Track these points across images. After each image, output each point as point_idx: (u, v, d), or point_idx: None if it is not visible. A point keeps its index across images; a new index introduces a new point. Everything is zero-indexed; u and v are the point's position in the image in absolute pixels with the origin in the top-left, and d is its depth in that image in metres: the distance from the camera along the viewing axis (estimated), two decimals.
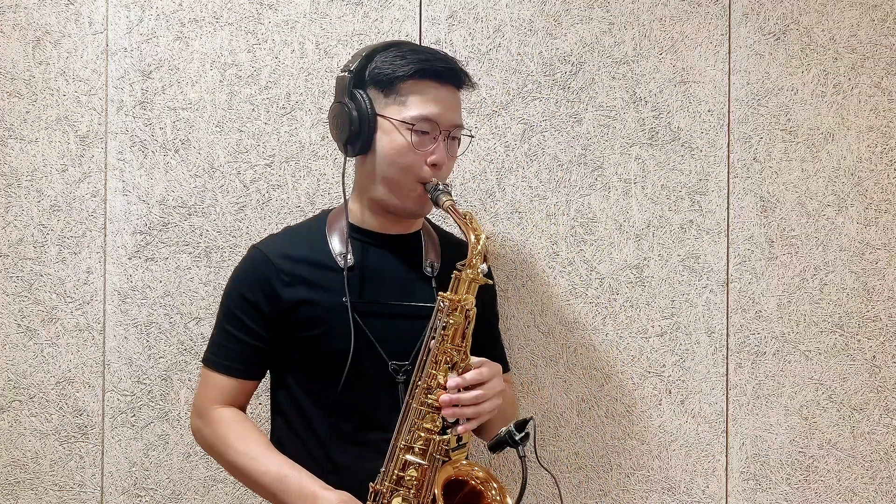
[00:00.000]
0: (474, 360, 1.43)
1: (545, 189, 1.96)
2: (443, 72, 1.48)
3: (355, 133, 1.48)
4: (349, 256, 1.50)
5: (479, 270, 1.41)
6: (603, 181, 1.96)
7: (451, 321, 1.40)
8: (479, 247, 1.41)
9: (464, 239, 1.45)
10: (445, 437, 1.40)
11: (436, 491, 1.37)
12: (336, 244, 1.52)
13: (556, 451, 1.95)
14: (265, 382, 1.62)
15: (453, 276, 1.43)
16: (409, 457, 1.40)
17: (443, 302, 1.41)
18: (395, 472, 1.41)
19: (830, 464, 1.97)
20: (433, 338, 1.41)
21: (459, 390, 1.38)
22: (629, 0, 1.96)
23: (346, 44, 1.94)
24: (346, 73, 1.50)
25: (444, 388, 1.39)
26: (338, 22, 1.94)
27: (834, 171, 1.97)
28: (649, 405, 1.97)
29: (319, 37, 1.94)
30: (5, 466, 1.93)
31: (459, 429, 1.39)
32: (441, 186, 1.45)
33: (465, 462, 1.42)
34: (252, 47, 1.93)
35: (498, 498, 1.40)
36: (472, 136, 1.58)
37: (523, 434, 1.36)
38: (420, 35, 1.94)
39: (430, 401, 1.40)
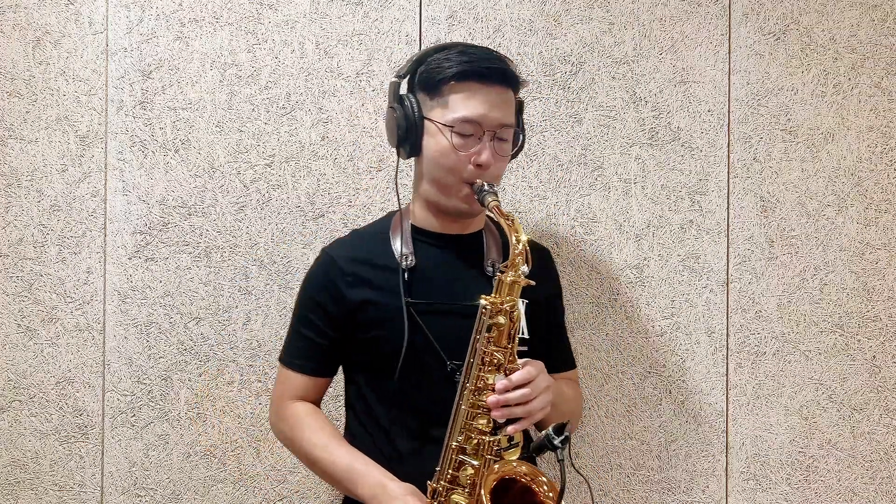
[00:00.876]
0: (520, 361, 1.45)
1: (545, 189, 1.96)
2: (486, 72, 1.48)
3: (403, 136, 1.52)
4: (410, 257, 1.54)
5: (520, 272, 1.43)
6: (603, 181, 1.96)
7: (495, 323, 1.43)
8: (520, 248, 1.42)
9: (533, 240, 1.48)
10: (496, 437, 1.42)
11: (482, 493, 1.39)
12: (398, 245, 1.56)
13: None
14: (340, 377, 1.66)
15: (496, 278, 1.46)
16: (461, 457, 1.43)
17: (486, 305, 1.44)
18: (450, 471, 1.44)
19: (830, 464, 1.97)
20: (479, 340, 1.44)
21: (507, 392, 1.41)
22: (629, 0, 1.96)
23: (346, 44, 1.94)
24: (398, 79, 1.54)
25: (492, 390, 1.42)
26: (338, 22, 1.94)
27: (834, 171, 1.97)
28: (649, 405, 1.97)
29: (319, 37, 1.94)
30: (5, 466, 1.93)
31: (509, 429, 1.40)
32: (487, 187, 1.47)
33: (508, 461, 1.44)
34: (252, 47, 1.93)
35: (550, 494, 1.42)
36: (523, 134, 1.59)
37: (562, 438, 1.37)
38: (420, 35, 1.94)
39: (479, 402, 1.43)
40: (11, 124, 1.93)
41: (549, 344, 1.65)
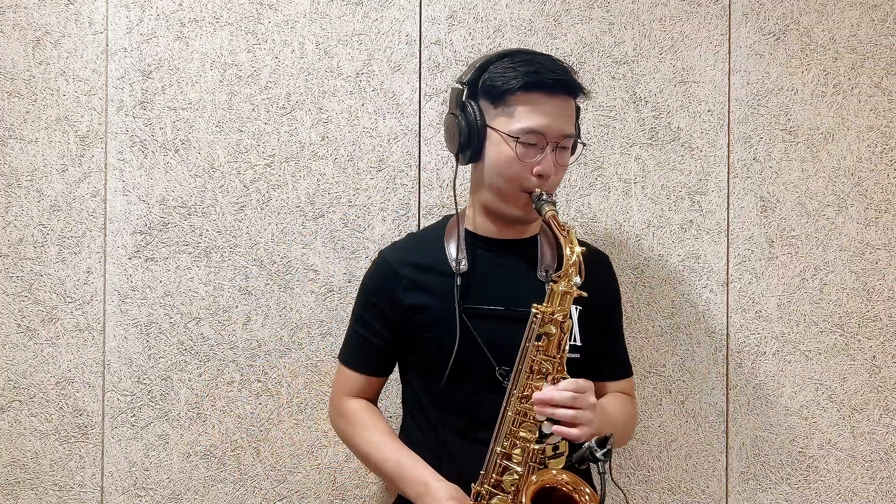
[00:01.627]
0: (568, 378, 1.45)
1: None
2: (552, 84, 1.49)
3: (465, 143, 1.53)
4: (463, 262, 1.56)
5: (572, 283, 1.44)
6: (603, 181, 1.96)
7: (545, 332, 1.44)
8: (574, 259, 1.43)
9: (592, 246, 1.50)
10: (542, 445, 1.43)
11: (524, 499, 1.40)
12: (452, 250, 1.58)
13: None
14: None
15: (548, 287, 1.47)
16: (506, 462, 1.45)
17: (537, 314, 1.45)
18: (494, 475, 1.46)
19: (830, 464, 1.97)
20: (528, 348, 1.45)
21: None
22: (629, 0, 1.96)
23: (346, 44, 1.94)
24: (460, 85, 1.54)
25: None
26: (338, 22, 1.94)
27: (834, 171, 1.97)
28: (649, 405, 1.97)
29: (319, 37, 1.94)
30: (5, 466, 1.93)
31: (554, 428, 1.40)
32: (545, 196, 1.48)
33: (548, 470, 1.44)
34: (252, 47, 1.93)
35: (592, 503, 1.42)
36: (584, 145, 1.60)
37: (605, 450, 1.38)
38: (420, 35, 1.94)
39: (525, 409, 1.44)
40: (11, 124, 1.93)
41: (604, 351, 1.66)
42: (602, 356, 1.63)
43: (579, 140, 1.57)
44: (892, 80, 1.98)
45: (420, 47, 1.94)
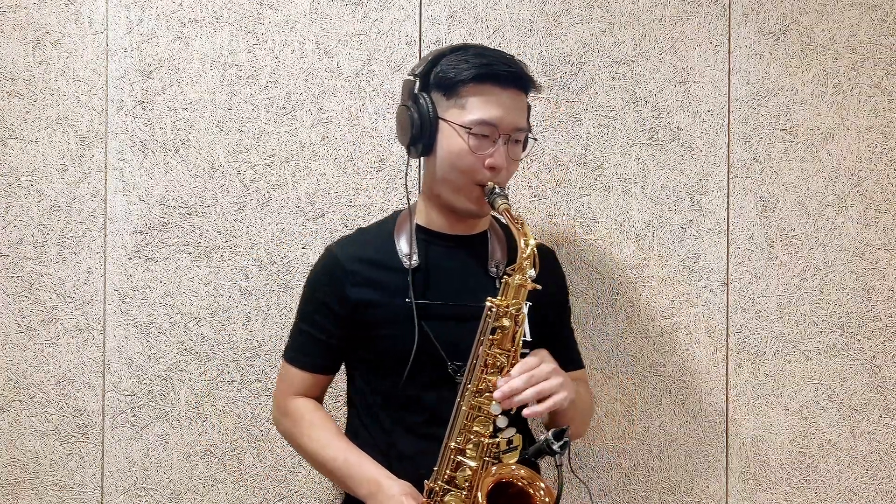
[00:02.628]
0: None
1: (545, 189, 1.96)
2: (504, 75, 1.49)
3: (417, 136, 1.51)
4: (414, 257, 1.54)
5: (527, 276, 1.44)
6: (603, 181, 1.96)
7: (499, 326, 1.43)
8: (528, 251, 1.43)
9: (539, 241, 1.49)
10: (496, 439, 1.42)
11: (479, 495, 1.39)
12: (403, 245, 1.56)
13: None
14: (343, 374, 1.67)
15: (503, 281, 1.46)
16: (460, 458, 1.44)
17: (492, 307, 1.44)
18: (447, 471, 1.44)
19: (830, 464, 1.97)
20: (482, 342, 1.44)
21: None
22: (629, 0, 1.96)
23: (346, 44, 1.94)
24: (412, 77, 1.53)
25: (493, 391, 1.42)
26: (338, 22, 1.94)
27: (834, 171, 1.97)
28: (649, 405, 1.97)
29: (319, 37, 1.94)
30: (5, 466, 1.93)
31: (525, 412, 1.39)
32: (498, 190, 1.48)
33: (507, 464, 1.43)
34: (252, 47, 1.93)
35: (546, 500, 1.41)
36: (535, 139, 1.59)
37: (562, 443, 1.38)
38: (420, 35, 1.94)
39: (479, 404, 1.43)
40: (11, 124, 1.93)
41: (555, 346, 1.64)
42: (553, 351, 1.61)
43: (531, 135, 1.56)
44: (892, 80, 1.98)
45: (420, 47, 1.94)
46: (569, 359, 1.72)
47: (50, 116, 1.93)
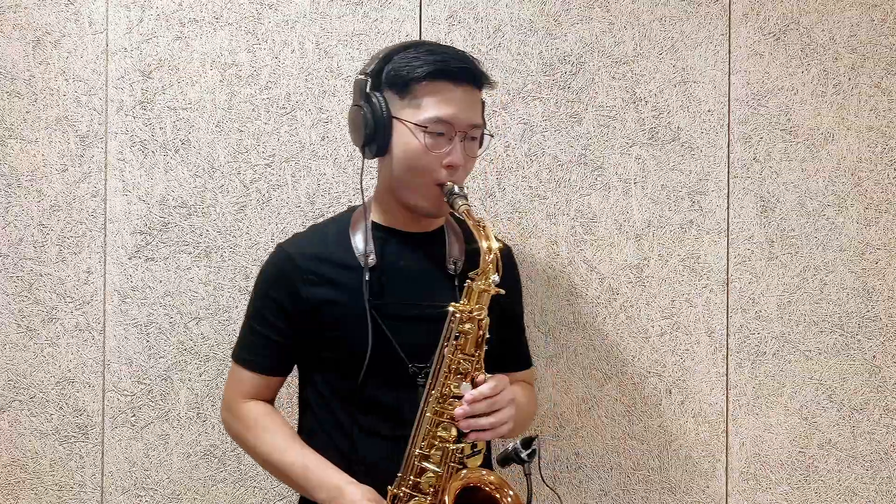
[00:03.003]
0: (486, 376, 1.44)
1: (545, 189, 1.96)
2: (458, 72, 1.46)
3: (371, 136, 1.48)
4: (371, 256, 1.51)
5: (490, 281, 1.42)
6: (603, 181, 1.96)
7: (463, 331, 1.41)
8: (491, 256, 1.41)
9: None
10: (460, 445, 1.41)
11: (446, 499, 1.38)
12: (359, 243, 1.53)
13: (557, 450, 1.95)
14: (294, 375, 1.64)
15: (466, 285, 1.44)
16: (424, 464, 1.42)
17: (455, 312, 1.42)
18: (412, 476, 1.42)
19: (830, 464, 1.97)
20: (446, 347, 1.42)
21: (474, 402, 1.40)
22: (629, 0, 1.96)
23: (346, 44, 1.94)
24: (364, 76, 1.50)
25: (458, 398, 1.41)
26: (338, 22, 1.94)
27: (834, 171, 1.97)
28: (649, 405, 1.96)
29: (319, 37, 1.94)
30: (5, 466, 1.93)
31: (471, 436, 1.40)
32: (457, 190, 1.45)
33: (478, 469, 1.43)
34: (252, 47, 1.93)
35: None
36: (491, 136, 1.57)
37: (529, 451, 1.38)
38: (420, 35, 1.94)
39: (444, 409, 1.42)
40: (11, 124, 1.93)
41: (507, 343, 1.63)
42: (507, 349, 1.59)
43: (486, 131, 1.54)
44: (892, 80, 1.98)
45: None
46: (521, 358, 1.72)
47: (50, 116, 1.93)
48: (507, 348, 1.62)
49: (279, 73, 1.93)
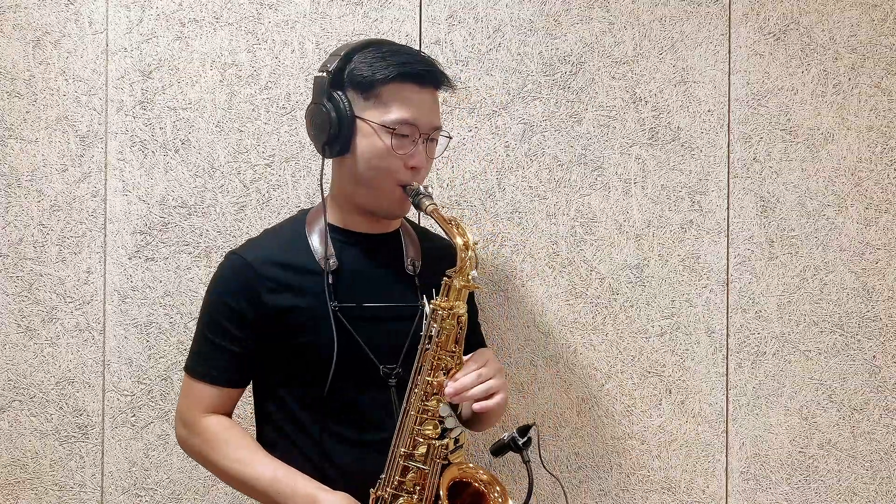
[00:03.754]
0: (465, 357, 1.45)
1: (545, 189, 1.96)
2: (423, 74, 1.46)
3: (334, 135, 1.46)
4: (332, 259, 1.49)
5: (469, 277, 1.42)
6: (603, 181, 1.96)
7: (443, 327, 1.41)
8: (469, 253, 1.40)
9: (444, 235, 1.46)
10: (444, 441, 1.41)
11: (441, 492, 1.39)
12: (317, 246, 1.50)
13: (556, 450, 1.95)
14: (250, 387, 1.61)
15: (443, 282, 1.43)
16: (409, 462, 1.42)
17: (435, 309, 1.41)
18: (396, 477, 1.42)
19: (830, 464, 1.97)
20: (427, 345, 1.42)
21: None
22: (629, 0, 1.96)
23: None
24: (324, 74, 1.47)
25: (440, 394, 1.41)
26: (338, 22, 1.94)
27: (834, 171, 1.97)
28: (649, 405, 1.97)
29: (319, 37, 1.94)
30: (5, 466, 1.93)
31: (475, 406, 1.39)
32: (422, 190, 1.44)
33: (470, 465, 1.44)
34: (252, 47, 1.93)
35: (500, 500, 1.42)
36: (449, 138, 1.57)
37: (526, 439, 1.38)
38: (420, 35, 1.94)
39: (427, 407, 1.42)
40: (11, 124, 1.93)
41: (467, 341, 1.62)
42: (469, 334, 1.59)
43: (445, 133, 1.53)
44: (892, 80, 1.98)
45: (420, 47, 1.93)
46: (477, 341, 1.71)
47: (50, 116, 1.93)
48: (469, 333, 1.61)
49: (279, 73, 1.93)
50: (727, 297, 1.97)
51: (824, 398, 1.97)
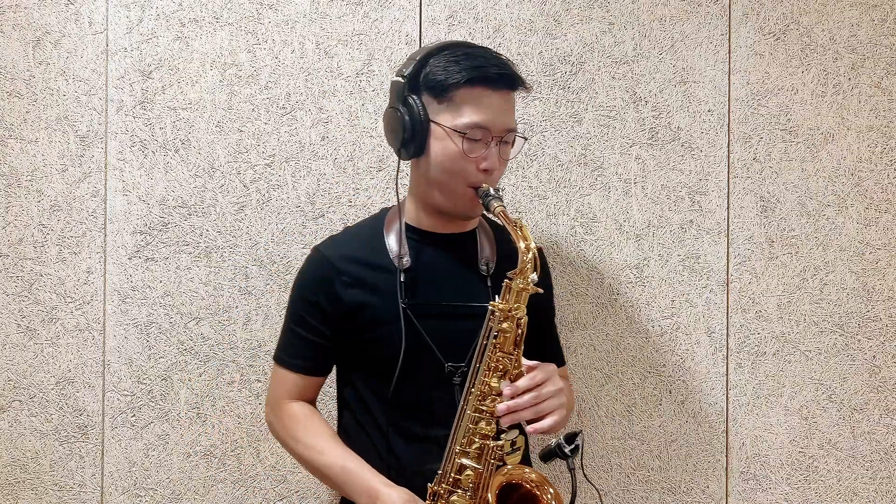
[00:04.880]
0: (528, 363, 1.44)
1: (545, 189, 1.96)
2: (496, 77, 1.48)
3: (409, 139, 1.49)
4: (406, 258, 1.53)
5: (529, 280, 1.43)
6: (603, 181, 1.96)
7: (502, 329, 1.43)
8: (530, 255, 1.42)
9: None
10: (499, 442, 1.43)
11: (489, 496, 1.40)
12: (393, 245, 1.55)
13: None
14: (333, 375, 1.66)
15: (504, 284, 1.45)
16: (464, 461, 1.43)
17: (494, 311, 1.43)
18: (452, 474, 1.44)
19: (830, 464, 1.97)
20: (486, 345, 1.44)
21: (514, 397, 1.41)
22: (629, 0, 1.96)
23: (346, 44, 1.94)
24: (401, 79, 1.51)
25: (498, 395, 1.42)
26: (338, 22, 1.94)
27: (834, 171, 1.97)
28: (649, 405, 1.97)
29: (319, 37, 1.94)
30: (5, 466, 1.93)
31: (528, 428, 1.40)
32: (492, 192, 1.47)
33: (521, 467, 1.44)
34: (252, 47, 1.93)
35: (553, 503, 1.42)
36: (525, 139, 1.59)
37: (573, 446, 1.39)
38: (420, 35, 1.94)
39: (483, 407, 1.43)
40: (11, 124, 1.93)
41: (541, 343, 1.65)
42: (538, 347, 1.60)
43: (520, 134, 1.55)
44: (892, 80, 1.98)
45: (420, 47, 1.93)
46: (552, 356, 1.72)
47: (50, 116, 1.93)
48: (539, 348, 1.63)
49: (279, 73, 1.93)
50: (727, 297, 1.97)
51: (824, 398, 1.97)
